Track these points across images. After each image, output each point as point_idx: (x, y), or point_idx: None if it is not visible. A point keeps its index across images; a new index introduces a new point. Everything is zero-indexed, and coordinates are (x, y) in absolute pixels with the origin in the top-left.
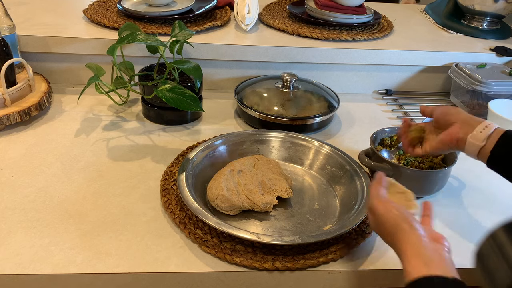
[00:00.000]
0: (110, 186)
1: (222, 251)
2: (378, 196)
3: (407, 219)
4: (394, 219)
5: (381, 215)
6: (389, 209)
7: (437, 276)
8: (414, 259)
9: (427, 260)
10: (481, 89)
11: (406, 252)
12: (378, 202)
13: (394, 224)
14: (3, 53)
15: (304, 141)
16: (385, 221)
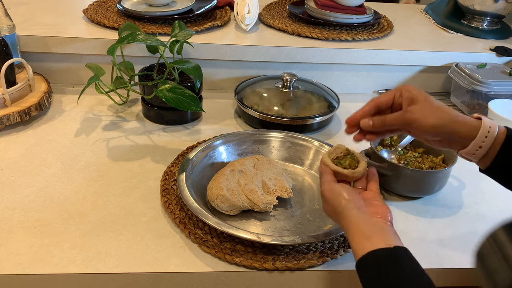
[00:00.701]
0: (110, 186)
1: (222, 251)
2: (326, 180)
3: (345, 196)
4: (336, 197)
5: (327, 197)
6: (332, 189)
7: (380, 249)
8: (358, 236)
9: (369, 235)
10: (481, 89)
11: (350, 231)
12: (324, 183)
13: (336, 203)
14: (3, 53)
15: (304, 141)
16: (331, 202)
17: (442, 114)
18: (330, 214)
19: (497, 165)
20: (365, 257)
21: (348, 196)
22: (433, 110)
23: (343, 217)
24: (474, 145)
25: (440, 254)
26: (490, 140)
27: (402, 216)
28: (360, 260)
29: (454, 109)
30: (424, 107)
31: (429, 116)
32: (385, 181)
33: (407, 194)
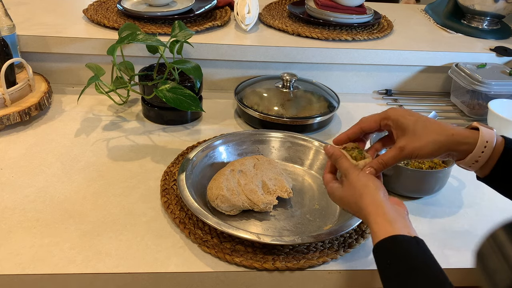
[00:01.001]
0: (110, 186)
1: (222, 251)
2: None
3: (374, 182)
4: (364, 182)
5: (354, 182)
6: (363, 175)
7: (402, 235)
8: (380, 219)
9: (392, 220)
10: (481, 89)
11: (372, 213)
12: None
13: (362, 186)
14: (3, 53)
15: (304, 141)
16: (358, 186)
17: (437, 137)
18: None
19: (495, 175)
20: (387, 240)
21: (375, 180)
22: (424, 138)
23: (367, 197)
24: (471, 159)
25: (440, 254)
26: (488, 153)
27: None
28: (381, 242)
29: (447, 125)
30: (415, 137)
31: (423, 146)
32: (385, 181)
33: (407, 194)
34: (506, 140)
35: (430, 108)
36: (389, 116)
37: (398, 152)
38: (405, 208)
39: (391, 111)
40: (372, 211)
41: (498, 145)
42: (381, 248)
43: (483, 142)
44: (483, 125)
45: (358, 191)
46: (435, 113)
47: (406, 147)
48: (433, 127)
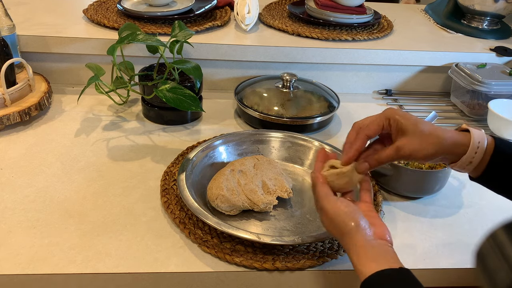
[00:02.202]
0: (110, 186)
1: (222, 251)
2: (326, 196)
3: (354, 218)
4: (343, 219)
5: (331, 216)
6: (338, 208)
7: (386, 269)
8: (364, 259)
9: (375, 257)
10: (481, 89)
11: (355, 252)
12: (327, 203)
13: (342, 224)
14: (3, 53)
15: (304, 141)
16: (335, 222)
17: (433, 141)
18: (331, 230)
19: (488, 175)
20: (372, 277)
21: (355, 218)
22: (423, 140)
23: (349, 238)
24: (465, 161)
25: (440, 254)
26: (480, 154)
27: (402, 216)
28: (367, 279)
29: (441, 129)
30: (414, 139)
31: (421, 148)
32: (385, 181)
33: (407, 194)
34: (495, 140)
35: (430, 108)
36: (390, 116)
37: (395, 152)
38: (387, 235)
39: (390, 112)
40: (355, 250)
41: (489, 146)
42: (369, 284)
43: (475, 143)
44: (472, 127)
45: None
46: (435, 113)
47: (404, 147)
48: (432, 131)
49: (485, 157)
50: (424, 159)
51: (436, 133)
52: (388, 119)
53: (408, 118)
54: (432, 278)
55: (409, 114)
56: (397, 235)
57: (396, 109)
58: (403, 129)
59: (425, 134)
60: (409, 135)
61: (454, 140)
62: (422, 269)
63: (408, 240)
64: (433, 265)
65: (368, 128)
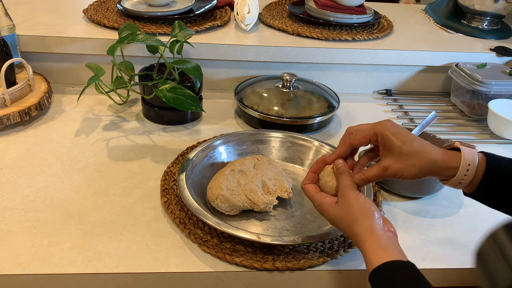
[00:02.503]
0: (110, 186)
1: (222, 251)
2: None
3: (372, 209)
4: (363, 207)
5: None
6: (358, 197)
7: (397, 260)
8: (375, 247)
9: (386, 247)
10: (481, 89)
11: (368, 240)
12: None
13: (359, 211)
14: (3, 53)
15: (304, 141)
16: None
17: (419, 162)
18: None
19: (481, 192)
20: (382, 266)
21: (372, 205)
22: (408, 161)
23: (363, 224)
24: (455, 181)
25: (440, 254)
26: (471, 175)
27: (402, 216)
28: (377, 268)
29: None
30: (399, 159)
31: (406, 169)
32: (385, 181)
33: (407, 194)
34: (487, 159)
35: (430, 108)
36: (378, 132)
37: (381, 171)
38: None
39: (381, 127)
40: (367, 238)
41: (480, 164)
42: (379, 273)
43: (465, 165)
44: (464, 145)
45: (354, 215)
46: (435, 113)
47: (390, 167)
48: (418, 153)
49: (476, 176)
50: (411, 178)
51: (423, 154)
52: (376, 135)
53: (397, 136)
54: (432, 278)
55: (401, 129)
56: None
57: (389, 124)
58: (389, 147)
59: (411, 155)
60: (395, 155)
61: (442, 161)
62: (422, 269)
63: (408, 240)
64: (433, 265)
65: (354, 137)
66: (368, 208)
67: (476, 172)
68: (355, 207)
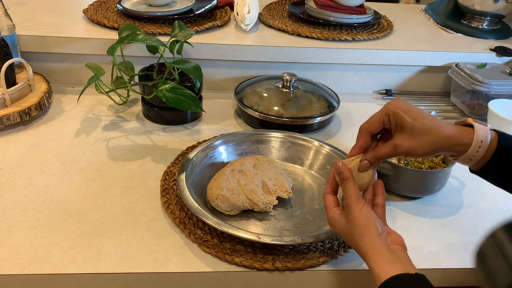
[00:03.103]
0: (110, 186)
1: (222, 251)
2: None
3: (375, 223)
4: (366, 223)
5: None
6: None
7: (403, 274)
8: (381, 261)
9: (392, 261)
10: (481, 89)
11: (373, 256)
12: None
13: (363, 227)
14: (3, 53)
15: (304, 141)
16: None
17: (431, 139)
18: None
19: (488, 169)
20: (389, 281)
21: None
22: (420, 138)
23: (368, 240)
24: (466, 157)
25: (440, 254)
26: (482, 152)
27: (402, 216)
28: (385, 283)
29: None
30: (411, 136)
31: (419, 145)
32: (385, 181)
33: (407, 194)
34: (499, 137)
35: (430, 108)
36: (389, 111)
37: (392, 149)
38: (403, 242)
39: (392, 106)
40: (372, 254)
41: (492, 142)
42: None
43: (478, 142)
44: (477, 122)
45: (358, 230)
46: (435, 113)
47: (401, 145)
48: (431, 128)
49: (487, 153)
50: (423, 156)
51: (435, 130)
52: (388, 115)
53: (408, 113)
54: (432, 278)
55: (412, 107)
56: None
57: (400, 102)
58: (401, 125)
59: (423, 132)
60: (407, 132)
61: (455, 137)
62: (422, 269)
63: (408, 240)
64: (433, 265)
65: (369, 123)
66: (370, 222)
67: (487, 149)
68: (359, 221)
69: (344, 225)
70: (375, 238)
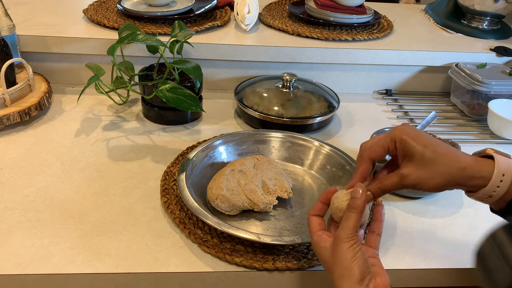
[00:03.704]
0: (110, 186)
1: (222, 251)
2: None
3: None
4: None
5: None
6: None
7: None
8: None
9: None
10: (481, 89)
11: None
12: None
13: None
14: (3, 53)
15: (304, 141)
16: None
17: (445, 170)
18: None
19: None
20: None
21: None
22: (432, 169)
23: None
24: (485, 194)
25: (440, 254)
26: (505, 187)
27: (402, 216)
28: None
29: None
30: (422, 166)
31: (430, 178)
32: None
33: (407, 194)
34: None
35: (430, 108)
36: (395, 137)
37: (399, 180)
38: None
39: (398, 132)
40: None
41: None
42: None
43: (499, 176)
44: (499, 153)
45: (340, 269)
46: (435, 113)
47: (409, 175)
48: (443, 158)
49: (510, 190)
50: (434, 190)
51: (449, 160)
52: (394, 141)
53: (417, 140)
54: (432, 278)
55: (422, 133)
56: (397, 235)
57: (407, 128)
58: (410, 153)
59: (434, 161)
60: (416, 161)
61: (472, 169)
62: (422, 269)
63: (408, 240)
64: (433, 265)
65: (372, 149)
66: (356, 265)
67: (510, 185)
68: (344, 260)
69: (327, 256)
70: (354, 285)
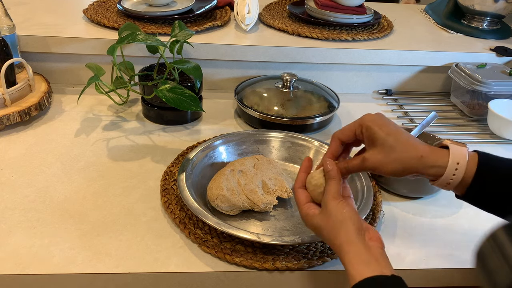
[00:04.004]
0: (110, 186)
1: (222, 251)
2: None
3: (353, 219)
4: (342, 217)
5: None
6: (338, 206)
7: (378, 276)
8: (356, 260)
9: (367, 260)
10: (481, 89)
11: (348, 252)
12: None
13: (340, 221)
14: (3, 53)
15: (304, 141)
16: (332, 218)
17: (401, 157)
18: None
19: (472, 193)
20: (363, 282)
21: (353, 214)
22: (390, 155)
23: (343, 236)
24: (443, 181)
25: (440, 254)
26: (460, 175)
27: (402, 216)
28: (358, 285)
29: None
30: (381, 152)
31: (388, 162)
32: (385, 181)
33: (407, 194)
34: (479, 158)
35: (430, 108)
36: (363, 123)
37: (361, 162)
38: (380, 239)
39: (366, 118)
40: (348, 251)
41: (471, 164)
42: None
43: (454, 164)
44: (454, 143)
45: (334, 224)
46: (435, 113)
47: (370, 159)
48: (403, 146)
49: (467, 177)
50: (392, 175)
51: (407, 148)
52: (361, 126)
53: (381, 127)
54: (432, 278)
55: (389, 123)
56: (397, 235)
57: (376, 116)
58: (373, 138)
59: (393, 148)
60: (378, 147)
61: (428, 159)
62: (422, 269)
63: (408, 240)
64: (433, 265)
65: (341, 132)
66: (348, 217)
67: (467, 172)
68: (336, 216)
69: (320, 221)
70: (352, 233)
